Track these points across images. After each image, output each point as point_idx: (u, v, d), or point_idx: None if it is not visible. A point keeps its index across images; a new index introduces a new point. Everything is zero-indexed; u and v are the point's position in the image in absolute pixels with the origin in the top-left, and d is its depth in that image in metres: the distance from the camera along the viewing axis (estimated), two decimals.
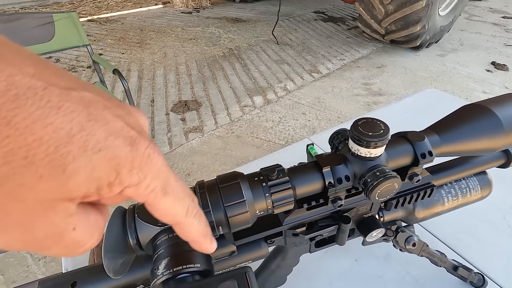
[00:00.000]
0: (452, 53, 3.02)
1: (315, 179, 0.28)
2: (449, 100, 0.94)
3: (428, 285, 0.45)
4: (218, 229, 0.25)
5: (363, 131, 0.27)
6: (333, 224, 0.33)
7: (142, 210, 0.24)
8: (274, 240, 0.33)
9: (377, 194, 0.27)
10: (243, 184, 0.26)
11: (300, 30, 3.62)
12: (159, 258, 0.22)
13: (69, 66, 2.82)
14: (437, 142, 0.31)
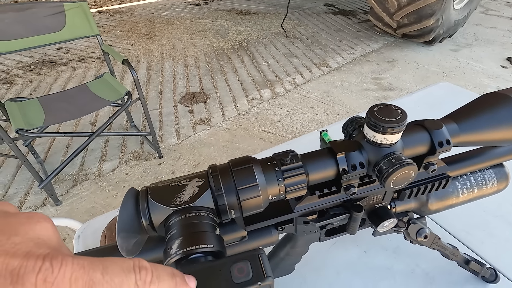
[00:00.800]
0: (466, 48, 2.94)
1: (328, 165, 0.28)
2: (463, 94, 0.92)
3: (438, 279, 0.45)
4: (230, 213, 0.25)
5: (380, 117, 0.26)
6: (344, 212, 0.33)
7: (155, 191, 0.24)
8: (284, 227, 0.33)
9: (392, 182, 0.27)
10: (256, 168, 0.26)
11: (309, 23, 3.57)
12: (172, 238, 0.22)
13: (79, 57, 2.84)
14: (455, 130, 0.30)
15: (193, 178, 0.25)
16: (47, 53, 2.88)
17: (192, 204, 0.24)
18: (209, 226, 0.23)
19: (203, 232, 0.22)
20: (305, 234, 0.35)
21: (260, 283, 0.20)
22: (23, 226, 0.13)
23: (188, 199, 0.24)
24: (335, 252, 0.48)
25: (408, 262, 0.47)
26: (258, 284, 0.20)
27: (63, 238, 1.32)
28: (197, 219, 0.23)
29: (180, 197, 0.24)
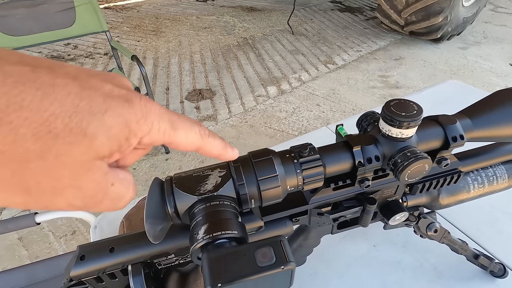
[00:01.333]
0: (475, 46, 2.91)
1: (345, 158, 0.28)
2: (472, 92, 0.92)
3: (446, 273, 0.46)
4: (251, 202, 0.26)
5: (396, 111, 0.27)
6: (357, 205, 0.34)
7: (179, 181, 0.26)
8: (299, 219, 0.34)
9: (407, 175, 0.28)
10: (276, 160, 0.27)
11: (316, 20, 3.55)
12: (197, 225, 0.23)
13: (86, 53, 2.87)
14: (469, 126, 0.30)
15: (215, 169, 0.26)
16: (55, 49, 2.91)
17: (215, 193, 0.25)
18: (232, 214, 0.24)
19: (227, 219, 0.23)
20: (318, 226, 0.36)
21: (283, 267, 0.21)
22: (116, 75, 0.18)
23: (211, 188, 0.25)
24: (345, 246, 0.49)
25: (417, 256, 0.48)
26: (281, 268, 0.21)
27: (73, 231, 1.35)
28: (221, 207, 0.24)
29: (203, 186, 0.25)
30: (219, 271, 0.20)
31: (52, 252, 1.26)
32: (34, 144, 0.13)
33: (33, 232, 1.33)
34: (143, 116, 0.16)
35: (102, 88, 0.15)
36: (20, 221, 0.71)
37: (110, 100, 0.15)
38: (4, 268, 1.19)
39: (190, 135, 0.19)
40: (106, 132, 0.15)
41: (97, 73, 0.16)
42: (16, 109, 0.12)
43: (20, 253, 1.26)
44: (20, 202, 0.14)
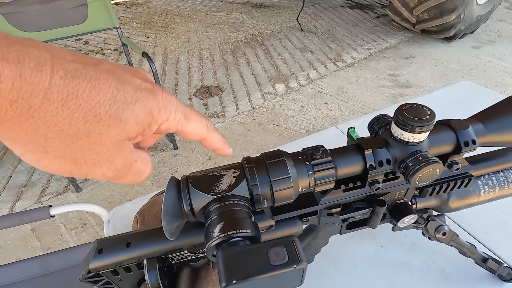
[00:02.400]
0: (488, 45, 2.85)
1: (356, 160, 0.29)
2: (485, 93, 0.90)
3: (454, 276, 0.46)
4: (263, 202, 0.27)
5: (409, 116, 0.27)
6: (367, 207, 0.34)
7: (195, 180, 0.26)
8: (308, 219, 0.35)
9: (418, 179, 0.28)
10: (288, 162, 0.27)
11: (325, 17, 3.52)
12: (212, 224, 0.24)
13: (97, 48, 2.90)
14: (481, 131, 0.30)
15: (229, 169, 0.27)
16: (67, 44, 2.96)
17: (230, 192, 0.26)
18: (246, 213, 0.25)
19: (241, 218, 0.24)
20: (327, 226, 0.37)
21: (295, 266, 0.21)
22: (142, 70, 0.21)
23: (226, 188, 0.26)
24: (353, 246, 0.50)
25: (425, 258, 0.48)
26: (294, 267, 0.21)
27: (83, 223, 1.38)
28: (235, 207, 0.25)
29: (218, 186, 0.26)
30: (233, 268, 0.21)
31: (63, 243, 1.30)
32: (83, 125, 0.17)
33: (46, 224, 1.37)
34: (164, 106, 0.20)
35: (133, 82, 0.19)
36: (35, 213, 0.73)
37: (139, 92, 0.18)
38: (18, 258, 1.23)
39: (199, 127, 0.22)
40: (135, 118, 0.18)
41: (128, 68, 0.20)
42: (73, 97, 0.16)
43: (33, 243, 1.30)
44: (68, 170, 0.18)
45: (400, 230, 0.40)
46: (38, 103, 0.15)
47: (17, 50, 0.14)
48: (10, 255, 1.25)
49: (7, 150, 1.76)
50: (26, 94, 0.14)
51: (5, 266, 0.78)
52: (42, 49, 0.15)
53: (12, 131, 0.15)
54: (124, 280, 0.35)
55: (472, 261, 0.45)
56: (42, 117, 0.15)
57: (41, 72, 0.15)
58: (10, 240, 1.30)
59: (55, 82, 0.15)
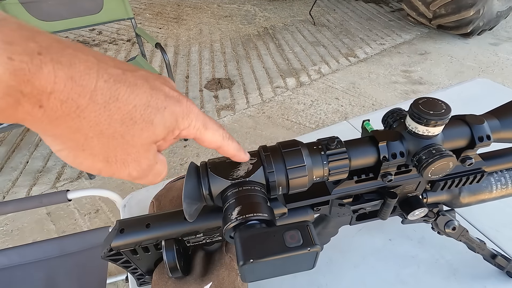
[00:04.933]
0: (508, 42, 2.76)
1: (370, 152, 0.30)
2: (502, 91, 0.89)
3: (461, 270, 0.46)
4: (278, 189, 0.28)
5: (424, 109, 0.28)
6: (378, 198, 0.35)
7: (213, 166, 0.28)
8: (320, 208, 0.36)
9: (431, 172, 0.28)
10: (304, 151, 0.28)
11: (339, 10, 3.46)
12: (230, 207, 0.25)
13: (110, 39, 2.94)
14: (497, 127, 0.31)
15: None
16: (81, 34, 3.00)
17: (247, 178, 0.27)
18: (262, 198, 0.26)
19: (258, 203, 0.25)
20: (338, 217, 0.38)
21: (310, 249, 0.23)
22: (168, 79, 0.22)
23: (244, 174, 0.27)
24: (361, 238, 0.51)
25: (433, 252, 0.49)
26: (308, 250, 0.22)
27: (96, 209, 1.42)
28: (252, 192, 0.26)
29: (236, 172, 0.27)
30: (250, 248, 0.22)
31: (77, 228, 1.34)
32: (120, 127, 0.18)
33: (60, 209, 1.42)
34: (187, 114, 0.21)
35: (164, 89, 0.20)
36: (54, 196, 0.76)
37: (168, 99, 0.20)
38: (34, 239, 1.28)
39: (215, 136, 0.23)
40: (164, 123, 0.20)
41: (158, 76, 0.21)
42: (114, 100, 0.17)
43: (48, 227, 1.35)
44: (98, 168, 0.19)
45: (410, 223, 0.40)
46: (85, 103, 0.16)
47: (69, 54, 0.16)
48: (27, 236, 1.30)
49: (24, 136, 1.82)
50: (75, 95, 0.16)
51: (24, 246, 0.82)
52: (89, 53, 0.17)
53: (58, 129, 0.17)
54: (142, 260, 0.36)
55: (480, 257, 0.45)
56: (87, 117, 0.17)
57: (89, 75, 0.16)
58: (27, 223, 1.36)
59: (100, 85, 0.16)
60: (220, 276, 0.36)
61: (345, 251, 0.49)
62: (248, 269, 0.23)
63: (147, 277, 0.39)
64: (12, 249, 0.81)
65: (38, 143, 1.77)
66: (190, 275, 0.35)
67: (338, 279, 0.46)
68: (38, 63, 0.14)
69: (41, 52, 0.15)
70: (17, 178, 1.57)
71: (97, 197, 1.47)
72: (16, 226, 1.35)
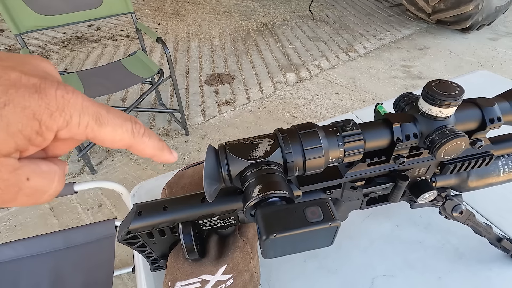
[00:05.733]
0: (506, 37, 2.77)
1: (384, 134, 0.30)
2: (503, 83, 0.90)
3: (468, 254, 0.47)
4: (296, 170, 0.29)
5: (438, 91, 0.28)
6: (389, 181, 0.36)
7: (232, 147, 0.28)
8: (332, 192, 0.36)
9: (444, 152, 0.29)
10: (320, 132, 0.29)
11: (338, 6, 3.46)
12: (250, 185, 0.26)
13: (109, 35, 2.92)
14: (507, 109, 0.31)
15: (264, 138, 0.29)
16: (79, 30, 2.98)
17: (266, 159, 0.27)
18: (281, 178, 0.27)
19: (278, 181, 0.26)
20: (349, 201, 0.39)
21: (331, 223, 0.23)
22: (33, 59, 0.16)
23: (262, 155, 0.27)
24: (369, 224, 0.51)
25: (439, 238, 0.50)
26: (329, 224, 0.23)
27: (99, 204, 1.43)
28: (271, 171, 0.27)
29: (255, 152, 0.28)
30: (273, 223, 0.23)
31: (80, 222, 1.35)
32: None
33: (63, 203, 1.42)
34: (59, 108, 0.15)
35: (5, 76, 0.14)
36: None
37: (13, 91, 0.14)
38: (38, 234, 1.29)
39: (119, 132, 0.17)
40: (6, 127, 0.13)
41: (4, 57, 0.15)
42: None
43: (51, 221, 1.35)
44: None
45: (419, 207, 0.41)
46: None
47: None
48: (31, 231, 1.30)
49: None
50: None
51: (31, 238, 0.82)
52: None
53: None
54: (157, 244, 0.37)
55: (485, 242, 0.46)
56: None
57: None
58: (30, 218, 1.36)
59: None
60: (235, 258, 0.36)
61: (354, 236, 0.50)
62: (271, 244, 0.23)
63: (162, 261, 0.40)
64: (18, 241, 0.82)
65: None
66: (206, 257, 0.36)
67: (348, 263, 0.47)
68: None
69: None
70: None
71: (100, 192, 1.47)
72: (19, 221, 1.35)
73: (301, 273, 0.46)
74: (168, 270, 0.37)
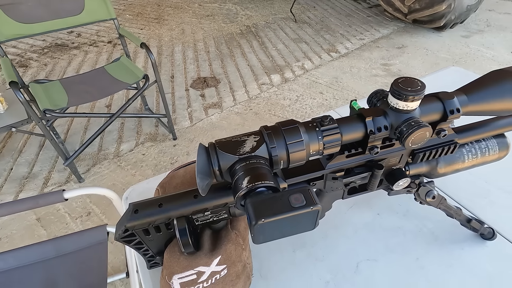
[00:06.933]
0: (478, 34, 2.92)
1: (359, 127, 0.34)
2: (472, 77, 0.96)
3: (442, 236, 0.51)
4: (280, 163, 0.32)
5: (403, 87, 0.32)
6: (367, 171, 0.39)
7: (221, 144, 0.31)
8: (316, 183, 0.39)
9: (411, 141, 0.33)
10: (301, 128, 0.32)
11: (319, 7, 3.54)
12: (240, 178, 0.28)
13: (90, 41, 2.88)
14: (465, 101, 0.35)
15: (250, 135, 0.31)
16: (59, 37, 2.92)
17: (253, 153, 0.30)
18: (267, 170, 0.29)
19: (264, 173, 0.28)
20: (331, 191, 0.42)
21: (312, 207, 0.26)
22: None
23: (249, 150, 0.30)
24: (352, 214, 0.55)
25: (416, 223, 0.54)
26: (311, 208, 0.26)
27: (88, 212, 1.41)
28: (258, 164, 0.29)
29: (242, 148, 0.30)
30: (261, 210, 0.26)
31: (69, 232, 1.33)
32: None
33: (50, 213, 1.39)
34: None
35: None
36: (50, 197, 0.76)
37: None
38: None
39: None
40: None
41: None
42: None
43: (39, 232, 1.33)
44: None
45: (395, 194, 0.45)
46: None
47: None
48: (18, 244, 1.27)
49: (6, 143, 1.77)
50: None
51: (20, 248, 0.81)
52: None
53: None
54: (153, 241, 0.39)
55: (457, 224, 0.51)
56: None
57: None
58: (16, 230, 1.33)
59: None
60: (228, 250, 0.39)
61: (339, 226, 0.53)
62: (260, 228, 0.26)
63: (158, 258, 0.42)
64: (7, 252, 0.81)
65: (22, 149, 1.73)
66: (200, 250, 0.38)
67: (334, 250, 0.50)
68: None
69: None
70: (2, 185, 1.53)
71: (88, 200, 1.45)
72: (5, 233, 1.32)
73: (291, 263, 0.49)
74: (165, 265, 0.38)
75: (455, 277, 0.46)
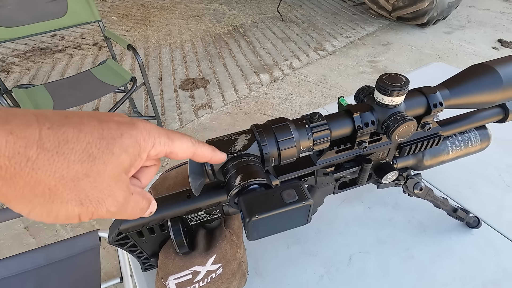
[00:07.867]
0: (459, 30, 3.00)
1: (347, 123, 0.34)
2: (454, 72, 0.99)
3: (430, 227, 0.53)
4: (272, 160, 0.32)
5: (388, 82, 0.33)
6: (356, 165, 0.40)
7: (213, 143, 0.31)
8: (307, 179, 0.40)
9: (397, 135, 0.34)
10: (291, 125, 0.32)
11: (305, 6, 3.57)
12: (232, 176, 0.29)
13: (74, 44, 2.82)
14: (447, 95, 0.37)
15: (241, 134, 0.32)
16: (42, 40, 2.85)
17: (244, 152, 0.30)
18: (259, 167, 0.30)
19: (257, 170, 0.29)
20: (323, 186, 0.43)
21: (304, 202, 0.27)
22: (114, 114, 0.21)
23: (241, 148, 0.30)
24: (344, 208, 0.56)
25: (406, 214, 0.55)
26: (303, 203, 0.27)
27: None
28: (250, 162, 0.30)
29: (234, 147, 0.31)
30: (254, 207, 0.26)
31: (59, 239, 1.30)
32: (81, 166, 0.18)
33: (39, 221, 1.36)
34: (147, 134, 0.21)
35: (112, 119, 0.20)
36: None
37: (122, 126, 0.20)
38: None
39: (185, 144, 0.24)
40: (126, 150, 0.20)
41: (105, 112, 0.21)
42: (65, 143, 0.17)
43: (28, 241, 1.29)
44: (76, 214, 0.19)
45: (384, 187, 0.46)
46: (34, 154, 0.16)
47: (5, 112, 0.16)
48: (6, 253, 1.24)
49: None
50: (21, 148, 0.16)
51: (9, 258, 0.80)
52: (26, 110, 0.17)
53: (17, 188, 0.16)
54: (148, 243, 0.39)
55: (444, 214, 0.53)
56: (42, 167, 0.16)
57: (30, 127, 0.16)
58: (3, 239, 1.30)
59: (45, 132, 0.16)
60: (223, 248, 0.39)
61: (331, 221, 0.54)
62: (253, 225, 0.26)
63: (153, 260, 0.42)
64: None
65: None
66: (195, 250, 0.38)
67: (327, 245, 0.51)
68: None
69: None
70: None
71: None
72: None
73: (286, 259, 0.49)
74: (160, 266, 0.39)
75: (443, 265, 0.48)
